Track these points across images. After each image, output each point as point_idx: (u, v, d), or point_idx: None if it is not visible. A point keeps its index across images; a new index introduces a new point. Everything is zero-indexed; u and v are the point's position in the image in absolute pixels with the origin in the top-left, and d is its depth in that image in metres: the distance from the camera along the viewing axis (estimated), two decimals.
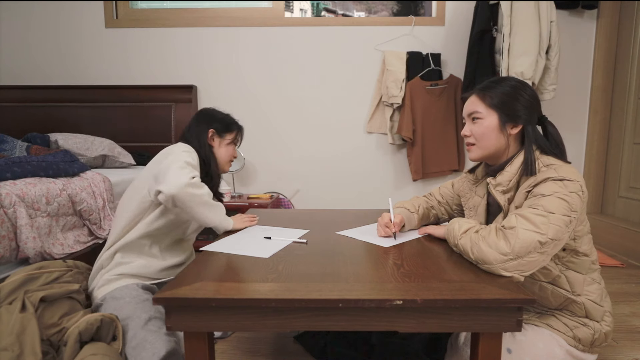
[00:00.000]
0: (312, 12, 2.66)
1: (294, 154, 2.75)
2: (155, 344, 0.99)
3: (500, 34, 2.24)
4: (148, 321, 1.05)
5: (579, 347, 0.96)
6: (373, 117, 2.68)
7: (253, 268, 0.87)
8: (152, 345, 0.99)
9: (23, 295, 1.07)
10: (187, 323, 0.74)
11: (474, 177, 1.13)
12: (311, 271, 0.84)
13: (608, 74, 2.58)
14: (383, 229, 1.12)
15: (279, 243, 1.07)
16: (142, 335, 1.02)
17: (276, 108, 2.72)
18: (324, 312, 0.73)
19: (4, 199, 1.27)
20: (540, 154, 0.96)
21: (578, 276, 0.96)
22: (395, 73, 2.52)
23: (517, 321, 0.73)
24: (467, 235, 0.91)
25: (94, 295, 1.17)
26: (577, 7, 2.52)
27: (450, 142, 2.60)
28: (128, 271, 1.18)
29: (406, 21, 2.62)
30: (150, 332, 1.02)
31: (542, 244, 0.82)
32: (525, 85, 1.00)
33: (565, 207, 0.84)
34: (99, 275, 1.19)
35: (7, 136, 2.04)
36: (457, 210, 1.26)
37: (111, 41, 2.70)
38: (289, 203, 2.70)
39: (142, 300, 1.11)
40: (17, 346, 0.96)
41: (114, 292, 1.13)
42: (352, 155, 2.75)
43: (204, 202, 1.15)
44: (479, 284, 0.77)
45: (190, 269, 0.87)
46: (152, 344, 0.99)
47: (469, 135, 1.02)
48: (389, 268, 0.86)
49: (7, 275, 1.25)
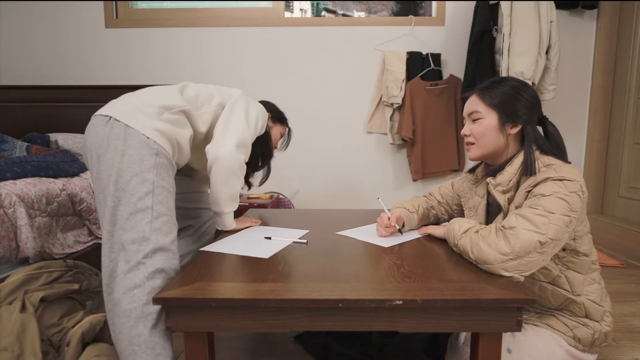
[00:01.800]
0: (312, 12, 2.66)
1: (294, 154, 2.75)
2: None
3: (500, 34, 2.24)
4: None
5: (579, 347, 0.96)
6: (373, 117, 2.68)
7: (253, 268, 0.87)
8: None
9: (23, 295, 1.07)
10: (187, 323, 0.74)
11: (474, 177, 1.13)
12: (311, 271, 0.84)
13: (608, 74, 2.58)
14: (383, 229, 1.12)
15: (279, 243, 1.07)
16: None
17: None
18: (324, 312, 0.74)
19: (4, 199, 1.27)
20: (540, 154, 0.96)
21: (578, 276, 0.96)
22: (395, 73, 2.52)
23: (517, 321, 0.73)
24: (467, 235, 0.91)
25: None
26: (577, 7, 2.52)
27: (450, 142, 2.60)
28: None
29: (406, 21, 2.62)
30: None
31: (542, 244, 0.82)
32: (526, 86, 1.00)
33: (565, 207, 0.84)
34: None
35: (7, 136, 2.04)
36: (457, 210, 1.26)
37: (111, 41, 2.70)
38: (289, 203, 2.70)
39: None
40: (17, 346, 0.96)
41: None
42: (352, 155, 2.75)
43: (234, 189, 1.19)
44: (479, 284, 0.77)
45: (190, 269, 0.87)
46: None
47: (468, 135, 1.03)
48: (389, 268, 0.86)
49: (7, 275, 1.25)
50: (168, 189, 1.00)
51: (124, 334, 0.90)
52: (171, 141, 1.05)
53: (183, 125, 1.10)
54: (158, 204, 0.96)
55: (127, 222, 0.93)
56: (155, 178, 0.97)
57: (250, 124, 1.21)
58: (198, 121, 1.16)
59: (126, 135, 0.97)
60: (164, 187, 0.98)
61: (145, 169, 0.97)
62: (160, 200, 0.97)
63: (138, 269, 0.91)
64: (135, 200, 0.94)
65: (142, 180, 0.96)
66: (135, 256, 0.92)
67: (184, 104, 1.10)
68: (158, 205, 0.96)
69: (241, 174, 1.19)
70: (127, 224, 0.93)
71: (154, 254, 0.93)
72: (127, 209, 0.94)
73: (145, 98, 1.07)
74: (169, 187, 1.00)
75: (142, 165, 0.96)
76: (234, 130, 1.17)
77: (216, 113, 1.21)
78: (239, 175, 1.19)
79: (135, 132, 0.98)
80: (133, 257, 0.92)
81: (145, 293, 0.90)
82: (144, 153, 0.98)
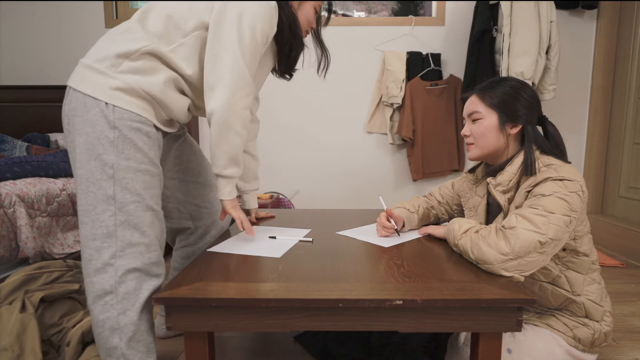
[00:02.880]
0: None
1: (294, 154, 2.75)
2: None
3: (500, 34, 2.24)
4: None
5: (579, 347, 0.96)
6: (373, 117, 2.68)
7: (253, 268, 0.87)
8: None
9: (23, 295, 1.07)
10: (187, 323, 0.74)
11: (474, 177, 1.13)
12: (311, 271, 0.84)
13: (608, 74, 2.58)
14: (383, 228, 1.12)
15: (286, 242, 1.07)
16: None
17: (276, 108, 2.72)
18: (324, 312, 0.74)
19: (4, 199, 1.27)
20: (540, 154, 0.96)
21: (578, 276, 0.96)
22: (395, 73, 2.52)
23: (517, 321, 0.73)
24: (467, 235, 0.91)
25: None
26: (577, 7, 2.52)
27: (450, 142, 2.60)
28: None
29: (406, 21, 2.62)
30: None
31: (542, 244, 0.82)
32: (526, 86, 1.00)
33: (566, 207, 0.84)
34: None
35: (7, 136, 2.04)
36: (457, 210, 1.26)
37: None
38: (289, 203, 2.70)
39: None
40: (17, 346, 0.96)
41: None
42: (352, 155, 2.75)
43: (234, 148, 0.96)
44: (479, 284, 0.77)
45: (191, 269, 0.87)
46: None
47: (468, 135, 1.03)
48: (389, 268, 0.86)
49: (7, 275, 1.25)
50: (137, 168, 0.83)
51: (100, 344, 0.82)
52: (143, 98, 0.84)
53: (153, 71, 0.85)
54: (122, 190, 0.80)
55: (86, 215, 0.81)
56: (115, 159, 0.80)
57: (246, 45, 0.89)
58: (175, 60, 0.88)
59: (83, 107, 0.81)
60: (130, 168, 0.81)
61: (103, 150, 0.80)
62: (125, 185, 0.81)
63: (106, 271, 0.80)
64: (95, 190, 0.80)
65: (101, 164, 0.80)
66: (100, 256, 0.80)
67: (147, 42, 0.84)
68: (122, 192, 0.80)
69: (241, 126, 0.95)
70: (87, 217, 0.81)
71: (122, 251, 0.80)
72: (86, 199, 0.80)
73: (95, 49, 0.85)
74: (137, 166, 0.83)
75: (99, 145, 0.80)
76: (222, 69, 0.88)
77: (198, 40, 0.90)
78: (239, 129, 0.95)
79: (91, 102, 0.80)
80: (97, 257, 0.80)
81: (118, 301, 0.80)
82: (101, 128, 0.80)
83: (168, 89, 0.88)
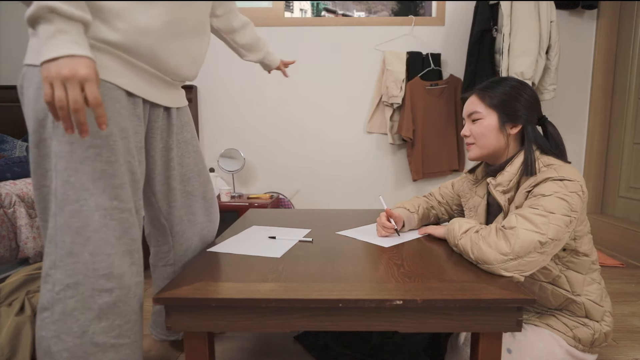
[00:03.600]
0: (312, 12, 2.66)
1: (294, 154, 2.75)
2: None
3: (500, 34, 2.24)
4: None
5: (579, 347, 0.96)
6: (373, 117, 2.68)
7: (253, 268, 0.87)
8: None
9: (24, 296, 1.07)
10: (187, 323, 0.74)
11: (474, 177, 1.13)
12: (311, 271, 0.84)
13: (608, 74, 2.58)
14: (383, 229, 1.12)
15: (286, 242, 1.07)
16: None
17: (276, 108, 2.72)
18: (324, 312, 0.74)
19: (4, 199, 1.27)
20: (541, 154, 0.96)
21: (578, 276, 0.96)
22: (395, 73, 2.52)
23: (517, 321, 0.73)
24: (467, 235, 0.91)
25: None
26: (577, 7, 2.52)
27: (450, 142, 2.60)
28: None
29: (406, 21, 2.62)
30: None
31: (542, 244, 0.82)
32: (525, 86, 1.00)
33: (566, 207, 0.84)
34: None
35: (7, 136, 2.04)
36: (457, 211, 1.26)
37: None
38: (289, 203, 2.70)
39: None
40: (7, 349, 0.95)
41: None
42: (352, 155, 2.75)
43: None
44: (479, 284, 0.77)
45: (190, 269, 0.87)
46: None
47: (468, 135, 1.03)
48: (389, 268, 0.86)
49: (7, 275, 1.25)
50: (82, 155, 0.65)
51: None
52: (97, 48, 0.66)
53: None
54: (63, 184, 0.64)
55: (39, 213, 0.68)
56: (55, 142, 0.63)
57: None
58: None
59: (27, 82, 0.66)
60: (74, 155, 0.65)
61: (41, 127, 0.64)
62: (66, 179, 0.64)
63: (46, 282, 0.67)
64: (38, 184, 0.67)
65: (42, 153, 0.66)
66: (45, 263, 0.67)
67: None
68: (63, 186, 0.64)
69: None
70: (40, 216, 0.68)
71: (60, 261, 0.66)
72: (37, 195, 0.68)
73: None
74: (83, 152, 0.65)
75: (38, 124, 0.65)
76: None
77: None
78: None
79: (31, 72, 0.65)
80: (44, 264, 0.67)
81: (52, 321, 0.66)
82: (40, 104, 0.64)
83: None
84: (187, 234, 1.05)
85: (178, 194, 1.00)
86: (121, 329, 0.74)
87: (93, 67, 0.59)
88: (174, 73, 0.83)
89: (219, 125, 2.71)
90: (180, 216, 1.01)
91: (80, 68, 0.57)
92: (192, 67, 0.87)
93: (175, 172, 0.97)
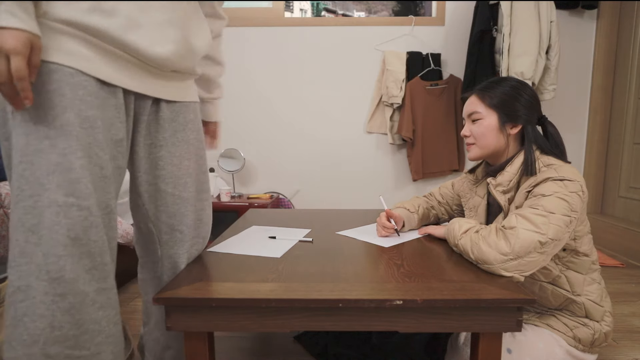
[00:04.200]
0: (312, 12, 2.66)
1: (294, 154, 2.75)
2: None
3: (500, 34, 2.24)
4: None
5: (579, 347, 0.96)
6: (373, 117, 2.68)
7: (253, 268, 0.87)
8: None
9: None
10: (187, 323, 0.74)
11: (474, 177, 1.13)
12: (311, 271, 0.84)
13: (608, 74, 2.58)
14: (383, 229, 1.12)
15: (286, 242, 1.07)
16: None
17: (276, 108, 2.72)
18: (324, 312, 0.73)
19: (4, 199, 1.27)
20: (541, 154, 0.96)
21: (578, 276, 0.96)
22: (395, 73, 2.52)
23: (517, 321, 0.73)
24: (467, 235, 0.91)
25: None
26: (577, 7, 2.52)
27: (450, 142, 2.60)
28: None
29: (406, 21, 2.62)
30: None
31: (542, 244, 0.82)
32: (525, 86, 1.00)
33: (566, 207, 0.84)
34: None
35: None
36: (457, 211, 1.26)
37: None
38: (289, 203, 2.70)
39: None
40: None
41: None
42: (352, 155, 2.75)
43: None
44: (479, 284, 0.77)
45: (190, 269, 0.87)
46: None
47: (468, 135, 1.03)
48: (389, 268, 0.86)
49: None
50: (37, 147, 0.61)
51: None
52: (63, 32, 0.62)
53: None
54: (18, 179, 0.61)
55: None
56: (14, 133, 0.62)
57: None
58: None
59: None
60: (29, 146, 0.61)
61: (7, 118, 0.63)
62: (21, 173, 0.61)
63: (7, 281, 0.64)
64: (10, 180, 0.64)
65: (8, 145, 0.64)
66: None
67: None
68: (18, 180, 0.61)
69: None
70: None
71: (14, 261, 0.62)
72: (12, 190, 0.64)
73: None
74: (38, 143, 0.61)
75: (4, 116, 0.64)
76: None
77: None
78: None
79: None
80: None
81: (6, 326, 0.62)
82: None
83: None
84: (175, 249, 0.91)
85: (168, 197, 0.88)
86: (77, 339, 0.66)
87: (23, 40, 0.55)
88: (151, 59, 0.73)
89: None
90: (170, 225, 0.89)
91: (8, 39, 0.54)
92: (185, 56, 0.78)
93: (164, 173, 0.86)
